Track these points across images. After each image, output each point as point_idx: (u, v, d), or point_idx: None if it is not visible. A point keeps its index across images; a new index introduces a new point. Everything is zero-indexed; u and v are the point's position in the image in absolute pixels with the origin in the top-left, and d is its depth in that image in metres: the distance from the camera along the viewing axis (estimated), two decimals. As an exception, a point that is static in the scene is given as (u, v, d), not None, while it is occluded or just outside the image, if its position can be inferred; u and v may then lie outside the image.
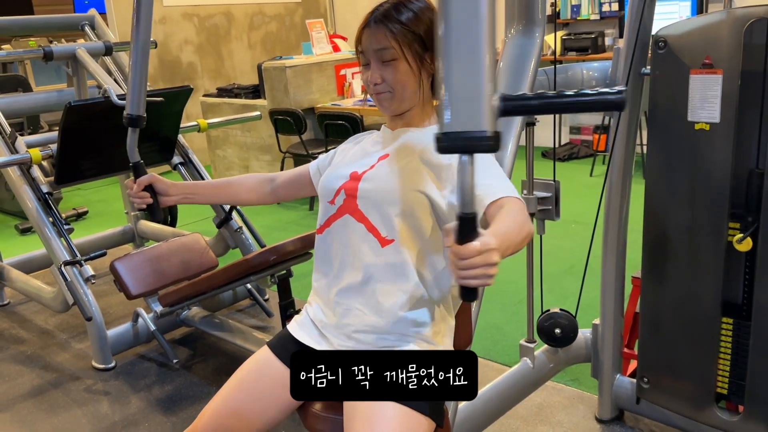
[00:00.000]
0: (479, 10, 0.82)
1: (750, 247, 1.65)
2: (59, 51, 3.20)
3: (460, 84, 0.84)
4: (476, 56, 0.83)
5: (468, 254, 0.88)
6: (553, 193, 1.97)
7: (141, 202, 1.49)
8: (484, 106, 0.84)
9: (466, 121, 0.84)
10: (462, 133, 0.84)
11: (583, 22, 5.75)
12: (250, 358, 1.41)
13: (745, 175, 1.65)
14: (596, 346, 2.14)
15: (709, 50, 1.62)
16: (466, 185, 0.87)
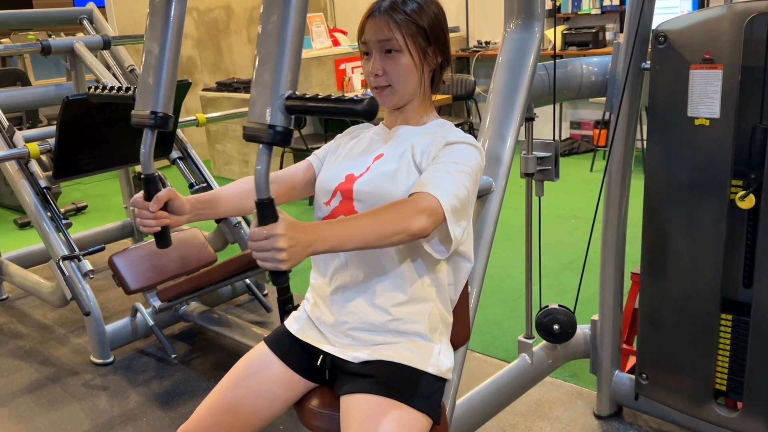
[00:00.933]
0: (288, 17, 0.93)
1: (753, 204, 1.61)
2: (57, 45, 3.19)
3: (258, 80, 0.94)
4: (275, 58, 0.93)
5: (254, 237, 0.95)
6: (553, 153, 1.93)
7: (156, 225, 1.21)
8: (272, 101, 0.93)
9: (260, 114, 0.94)
10: (256, 125, 0.94)
11: (584, 16, 5.72)
12: (246, 354, 1.41)
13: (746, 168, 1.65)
14: (595, 342, 2.13)
15: (709, 45, 1.61)
16: (261, 172, 0.95)
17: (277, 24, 0.93)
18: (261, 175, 0.95)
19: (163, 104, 1.23)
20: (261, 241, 0.95)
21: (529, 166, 1.95)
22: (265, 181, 0.95)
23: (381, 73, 1.26)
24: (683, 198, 1.74)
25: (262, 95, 0.94)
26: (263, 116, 0.93)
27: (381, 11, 1.25)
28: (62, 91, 3.34)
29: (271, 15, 0.94)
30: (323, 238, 1.01)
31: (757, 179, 1.61)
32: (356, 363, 1.28)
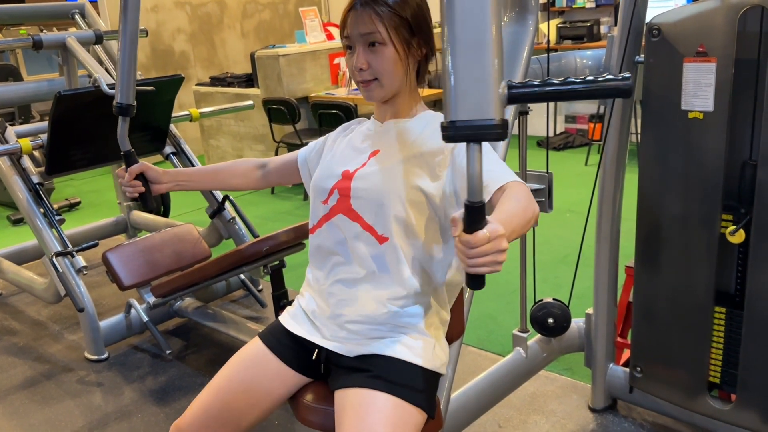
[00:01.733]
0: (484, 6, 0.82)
1: (743, 239, 1.65)
2: (49, 40, 3.16)
3: (466, 73, 0.83)
4: (482, 44, 0.82)
5: (478, 242, 0.88)
6: (546, 185, 1.96)
7: (133, 191, 1.48)
8: (491, 94, 0.83)
9: (473, 109, 0.83)
10: (469, 121, 0.84)
11: (579, 10, 5.72)
12: (241, 349, 1.40)
13: (739, 165, 1.65)
14: (589, 336, 2.14)
15: (703, 38, 1.61)
16: (475, 174, 0.87)
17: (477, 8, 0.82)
18: (476, 177, 0.87)
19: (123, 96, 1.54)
20: (483, 246, 0.88)
21: None
22: (479, 183, 0.87)
23: (366, 67, 1.25)
24: (677, 191, 1.74)
25: (476, 89, 0.83)
26: (481, 111, 0.83)
27: (363, 4, 1.24)
28: (54, 87, 3.32)
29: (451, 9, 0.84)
30: (509, 232, 0.96)
31: (747, 214, 1.64)
32: (351, 357, 1.28)
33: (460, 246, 0.89)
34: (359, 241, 1.27)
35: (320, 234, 1.33)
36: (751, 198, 1.63)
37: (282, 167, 1.53)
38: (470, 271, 0.90)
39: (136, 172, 1.47)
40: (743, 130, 1.63)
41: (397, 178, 1.24)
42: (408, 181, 1.24)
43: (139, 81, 2.97)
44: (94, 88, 2.78)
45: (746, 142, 1.63)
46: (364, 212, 1.26)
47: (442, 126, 0.86)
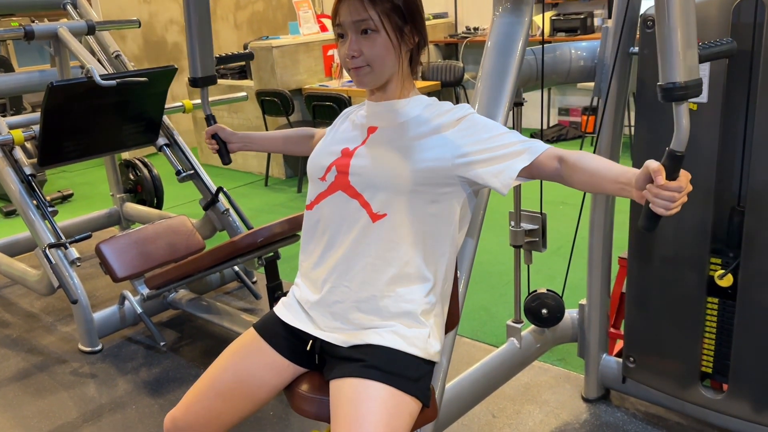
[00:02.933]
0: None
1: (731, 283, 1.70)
2: (40, 30, 3.14)
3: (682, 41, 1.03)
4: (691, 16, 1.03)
5: (686, 185, 1.03)
6: (540, 225, 2.04)
7: (211, 148, 1.72)
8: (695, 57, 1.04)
9: (688, 71, 1.04)
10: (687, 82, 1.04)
11: (573, 2, 5.72)
12: (235, 339, 1.41)
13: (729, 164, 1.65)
14: (583, 326, 2.15)
15: (697, 30, 1.61)
16: (683, 127, 1.04)
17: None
18: (686, 132, 1.04)
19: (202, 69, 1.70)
20: (675, 192, 1.01)
21: (517, 239, 2.06)
22: (687, 136, 1.04)
23: (358, 54, 1.24)
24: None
25: (689, 53, 1.03)
26: (693, 73, 1.04)
27: None
28: (46, 78, 3.30)
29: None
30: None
31: (735, 258, 1.67)
32: (345, 347, 1.28)
33: (666, 193, 1.02)
34: (355, 219, 1.27)
35: (318, 210, 1.33)
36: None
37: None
38: (667, 213, 1.03)
39: (211, 133, 1.70)
40: (736, 121, 1.64)
41: (396, 157, 1.24)
42: (408, 159, 1.24)
43: (132, 72, 2.95)
44: (86, 79, 2.76)
45: (739, 133, 1.64)
46: (364, 189, 1.26)
47: (661, 87, 1.05)
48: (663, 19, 1.04)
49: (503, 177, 1.21)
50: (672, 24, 1.03)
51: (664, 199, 1.02)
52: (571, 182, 1.19)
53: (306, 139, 1.70)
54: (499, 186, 1.22)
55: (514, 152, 1.22)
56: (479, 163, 1.23)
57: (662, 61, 1.05)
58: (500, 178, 1.21)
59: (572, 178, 1.18)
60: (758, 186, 1.61)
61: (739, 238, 1.67)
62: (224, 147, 1.72)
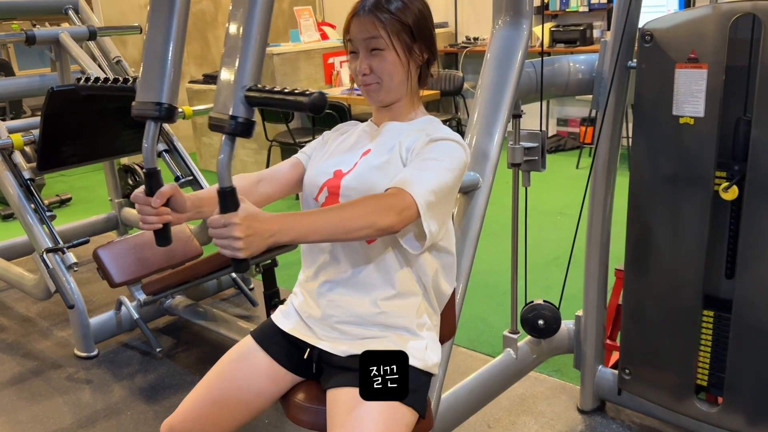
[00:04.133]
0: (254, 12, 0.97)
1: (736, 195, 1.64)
2: (42, 35, 3.15)
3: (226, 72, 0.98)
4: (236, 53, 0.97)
5: (213, 224, 0.98)
6: (539, 143, 1.95)
7: (158, 221, 1.16)
8: (231, 94, 0.96)
9: (221, 105, 0.97)
10: (218, 115, 0.97)
11: (572, 13, 5.75)
12: (232, 347, 1.41)
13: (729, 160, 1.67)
14: (579, 338, 2.15)
15: (694, 45, 1.62)
16: (223, 162, 0.98)
17: (242, 18, 0.97)
18: (223, 165, 0.98)
19: (168, 95, 1.15)
20: (219, 228, 0.97)
21: (516, 156, 1.97)
22: (227, 170, 0.98)
23: (368, 72, 1.26)
24: (667, 195, 1.76)
25: (226, 87, 0.97)
26: (226, 107, 0.96)
27: (366, 10, 1.25)
28: (47, 82, 3.30)
29: (238, 9, 0.98)
30: (285, 229, 1.02)
31: (741, 171, 1.63)
32: (343, 357, 1.28)
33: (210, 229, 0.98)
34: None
35: None
36: (745, 155, 1.65)
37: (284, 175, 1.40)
38: (224, 253, 0.99)
39: (167, 196, 1.16)
40: (734, 135, 1.65)
41: (386, 178, 1.25)
42: (387, 176, 1.24)
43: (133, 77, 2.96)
44: (87, 85, 2.76)
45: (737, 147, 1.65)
46: None
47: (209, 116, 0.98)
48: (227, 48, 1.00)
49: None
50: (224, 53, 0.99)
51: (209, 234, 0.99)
52: None
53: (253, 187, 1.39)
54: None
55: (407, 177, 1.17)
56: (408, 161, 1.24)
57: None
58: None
59: None
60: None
61: (734, 265, 1.68)
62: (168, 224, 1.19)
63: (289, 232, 1.02)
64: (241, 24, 0.97)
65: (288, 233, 1.02)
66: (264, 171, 1.41)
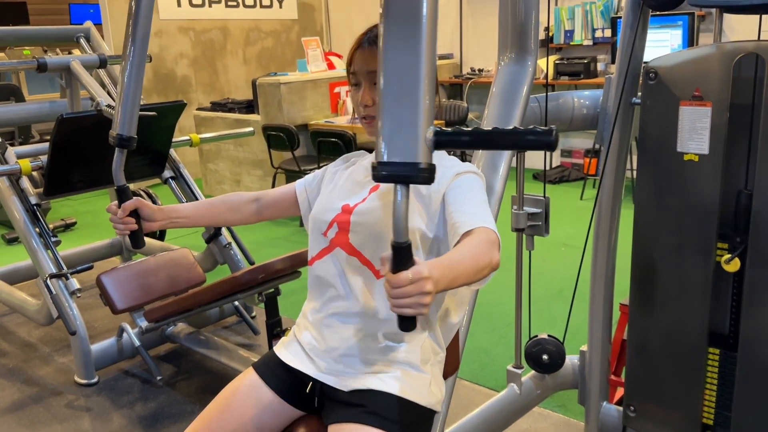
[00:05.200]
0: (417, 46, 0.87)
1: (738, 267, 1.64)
2: (53, 63, 3.20)
3: (397, 117, 0.88)
4: (414, 92, 0.87)
5: (399, 283, 0.89)
6: (543, 209, 1.97)
7: (125, 229, 1.39)
8: (419, 139, 0.87)
9: (401, 152, 0.88)
10: (397, 163, 0.88)
11: (576, 47, 5.81)
12: (234, 379, 1.40)
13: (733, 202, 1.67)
14: (583, 373, 2.13)
15: (698, 83, 1.64)
16: (399, 214, 0.89)
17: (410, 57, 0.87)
18: (401, 218, 0.89)
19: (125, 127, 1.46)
20: (407, 287, 0.88)
21: (519, 222, 2.00)
22: (404, 223, 0.89)
23: (371, 104, 1.28)
24: (672, 232, 1.76)
25: (402, 132, 0.88)
26: (408, 154, 0.88)
27: (370, 42, 1.27)
28: (57, 108, 3.34)
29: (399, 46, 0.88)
30: (443, 278, 0.95)
31: (743, 243, 1.65)
32: (346, 391, 1.27)
33: (386, 286, 0.90)
34: (357, 275, 1.27)
35: (318, 266, 1.34)
36: (747, 227, 1.64)
37: (278, 201, 1.51)
38: (395, 311, 0.91)
39: (130, 209, 1.38)
40: (738, 172, 1.65)
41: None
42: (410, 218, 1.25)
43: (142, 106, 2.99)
44: (96, 112, 2.80)
45: (741, 183, 1.65)
46: (363, 247, 1.27)
47: (372, 165, 0.90)
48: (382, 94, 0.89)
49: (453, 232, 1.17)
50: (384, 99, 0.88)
51: (389, 294, 0.90)
52: None
53: (246, 205, 1.50)
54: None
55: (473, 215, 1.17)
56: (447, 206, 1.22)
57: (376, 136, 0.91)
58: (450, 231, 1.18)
59: None
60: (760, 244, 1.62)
61: (740, 296, 1.67)
62: (140, 228, 1.41)
63: (453, 280, 0.98)
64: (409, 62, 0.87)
65: (451, 282, 0.98)
66: (261, 192, 1.50)
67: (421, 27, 0.86)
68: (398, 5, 0.87)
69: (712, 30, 5.12)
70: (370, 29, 1.30)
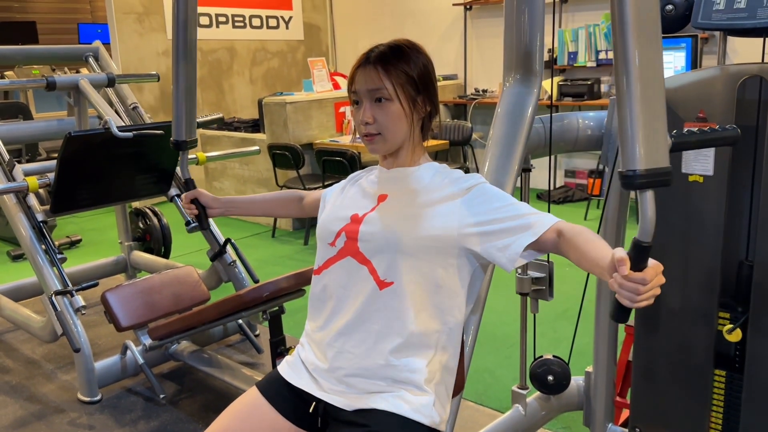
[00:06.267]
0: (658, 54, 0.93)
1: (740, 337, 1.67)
2: (62, 81, 3.23)
3: (645, 125, 0.94)
4: (657, 102, 0.94)
5: (652, 278, 0.95)
6: (547, 274, 2.02)
7: (189, 213, 1.66)
8: (664, 145, 0.95)
9: (650, 159, 0.95)
10: (648, 170, 0.94)
11: (580, 68, 5.85)
12: (238, 399, 1.39)
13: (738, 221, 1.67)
14: (588, 394, 2.12)
15: (703, 104, 1.65)
16: (646, 216, 0.95)
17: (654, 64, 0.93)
18: (647, 220, 0.96)
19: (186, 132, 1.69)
20: (654, 280, 0.96)
21: (524, 287, 2.04)
22: (651, 226, 0.95)
23: (371, 121, 1.29)
24: (677, 251, 1.76)
25: (650, 140, 0.94)
26: (656, 161, 0.94)
27: (371, 61, 1.29)
28: (64, 126, 3.37)
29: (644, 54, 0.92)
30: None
31: (744, 313, 1.66)
32: (349, 411, 1.27)
33: (628, 285, 0.95)
34: (363, 285, 1.28)
35: (326, 275, 1.34)
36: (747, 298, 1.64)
37: (313, 203, 1.63)
38: (634, 306, 0.97)
39: (190, 198, 1.64)
40: (742, 193, 1.65)
41: (405, 224, 1.26)
42: (416, 227, 1.26)
43: (149, 125, 3.02)
44: (104, 130, 2.83)
45: (745, 205, 1.65)
46: (372, 256, 1.28)
47: (621, 174, 0.96)
48: (623, 103, 0.95)
49: (509, 252, 1.20)
50: (633, 108, 0.94)
51: (628, 290, 0.96)
52: (567, 257, 1.18)
53: (294, 202, 1.66)
54: (505, 261, 1.21)
55: (522, 225, 1.21)
56: (487, 235, 1.23)
57: (622, 145, 0.98)
58: (506, 253, 1.21)
59: (567, 254, 1.17)
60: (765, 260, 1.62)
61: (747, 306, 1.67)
62: (203, 212, 1.66)
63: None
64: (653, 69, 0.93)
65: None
66: (304, 192, 1.67)
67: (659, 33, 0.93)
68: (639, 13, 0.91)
69: (715, 52, 5.15)
70: (371, 49, 1.32)
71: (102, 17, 8.48)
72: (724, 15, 1.62)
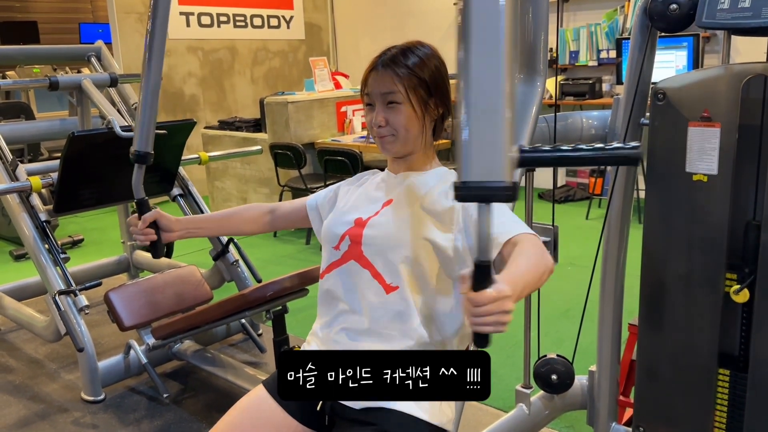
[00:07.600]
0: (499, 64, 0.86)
1: (747, 298, 1.65)
2: (65, 81, 3.23)
3: (479, 135, 0.87)
4: (496, 110, 0.86)
5: (483, 301, 0.89)
6: (552, 238, 1.99)
7: (145, 239, 1.49)
8: (503, 157, 0.87)
9: (484, 171, 0.87)
10: (480, 182, 0.87)
11: (581, 68, 5.85)
12: (244, 396, 1.40)
13: (742, 226, 1.67)
14: (592, 394, 2.12)
15: (707, 104, 1.65)
16: (483, 233, 0.90)
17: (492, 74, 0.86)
18: (485, 237, 0.90)
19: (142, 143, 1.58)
20: (488, 305, 0.89)
21: None
22: (488, 242, 0.90)
23: (384, 124, 1.30)
24: (681, 252, 1.76)
25: (486, 151, 0.87)
26: (492, 173, 0.87)
27: (384, 65, 1.29)
28: (67, 126, 3.38)
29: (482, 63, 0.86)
30: (518, 290, 0.97)
31: (751, 274, 1.65)
32: (357, 409, 1.27)
33: (466, 304, 0.90)
34: (368, 289, 1.28)
35: (329, 279, 1.35)
36: (755, 258, 1.64)
37: (290, 214, 1.56)
38: (475, 329, 0.92)
39: (149, 220, 1.49)
40: (747, 192, 1.66)
41: (409, 229, 1.26)
42: (420, 232, 1.26)
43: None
44: (107, 130, 2.83)
45: (750, 203, 1.65)
46: (375, 260, 1.28)
47: (454, 185, 0.90)
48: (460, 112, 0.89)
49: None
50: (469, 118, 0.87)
51: (468, 312, 0.91)
52: None
53: (262, 216, 1.55)
54: None
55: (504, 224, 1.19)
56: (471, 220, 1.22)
57: (456, 156, 0.90)
58: None
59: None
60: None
61: (750, 316, 1.67)
62: (160, 238, 1.50)
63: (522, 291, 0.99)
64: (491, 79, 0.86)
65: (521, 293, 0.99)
66: (275, 205, 1.57)
67: (501, 43, 0.85)
68: (478, 23, 0.86)
69: (717, 51, 5.15)
70: (384, 52, 1.32)
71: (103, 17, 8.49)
72: (728, 14, 1.62)
